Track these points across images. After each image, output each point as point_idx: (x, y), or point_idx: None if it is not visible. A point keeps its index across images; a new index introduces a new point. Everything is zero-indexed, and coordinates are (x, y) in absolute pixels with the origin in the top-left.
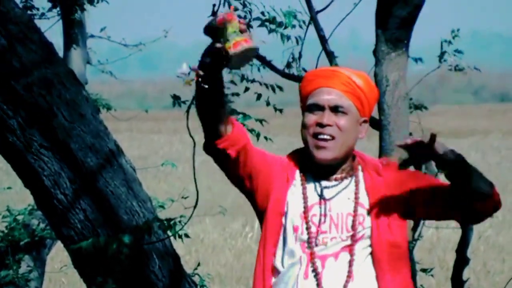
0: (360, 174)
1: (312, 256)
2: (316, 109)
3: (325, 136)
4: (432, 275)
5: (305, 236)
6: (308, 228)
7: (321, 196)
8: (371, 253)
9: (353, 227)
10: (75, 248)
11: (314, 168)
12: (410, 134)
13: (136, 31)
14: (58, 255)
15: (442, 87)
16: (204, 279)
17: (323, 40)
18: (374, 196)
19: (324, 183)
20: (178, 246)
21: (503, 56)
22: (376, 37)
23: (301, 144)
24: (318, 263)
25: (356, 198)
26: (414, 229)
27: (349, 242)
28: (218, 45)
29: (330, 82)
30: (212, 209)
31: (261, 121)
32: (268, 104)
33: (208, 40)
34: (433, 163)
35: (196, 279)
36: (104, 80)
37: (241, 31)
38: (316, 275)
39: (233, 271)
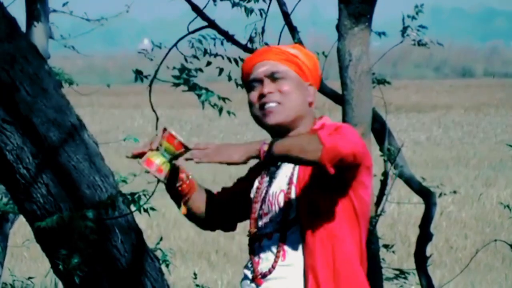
0: None
1: (254, 236)
2: (256, 84)
3: (271, 104)
4: (393, 251)
5: (258, 224)
6: (254, 209)
7: (269, 175)
8: (300, 231)
9: (284, 205)
10: (37, 222)
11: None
12: (373, 108)
13: (98, 6)
14: (20, 230)
15: (403, 62)
16: (166, 254)
17: (286, 15)
18: (301, 169)
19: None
20: (140, 220)
21: (464, 31)
22: (339, 12)
23: None
24: (257, 243)
25: (292, 173)
26: (377, 204)
27: (280, 222)
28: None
29: (263, 56)
30: None
31: (223, 99)
32: (230, 79)
33: (169, 18)
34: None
35: (158, 253)
36: (66, 55)
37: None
38: (257, 255)
39: (194, 246)
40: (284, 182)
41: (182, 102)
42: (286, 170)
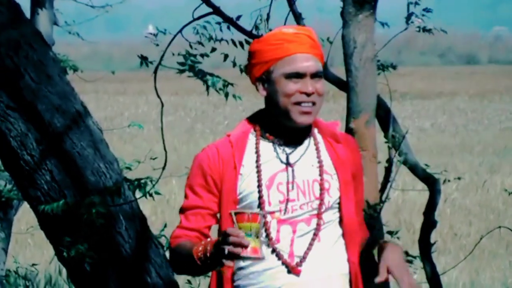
0: (319, 136)
1: (281, 222)
2: (296, 77)
3: (309, 104)
4: (398, 237)
5: (273, 207)
6: (274, 198)
7: (286, 162)
8: (340, 221)
9: (321, 194)
10: (42, 210)
11: (280, 134)
12: (378, 95)
13: None
14: (24, 216)
15: (408, 49)
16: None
17: (290, 1)
18: (339, 164)
19: (287, 148)
20: (145, 207)
21: (470, 18)
22: None
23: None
24: (289, 228)
25: (321, 165)
26: (382, 190)
27: (317, 210)
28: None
29: (301, 47)
30: (178, 170)
31: (230, 84)
32: (234, 64)
33: (175, 4)
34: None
35: (162, 240)
36: (70, 42)
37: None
38: (290, 239)
39: None
40: (315, 172)
41: (186, 89)
42: (310, 158)
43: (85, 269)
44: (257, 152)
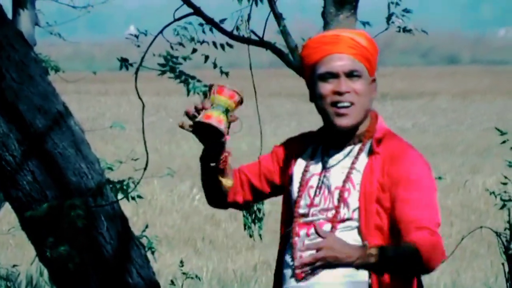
0: (369, 143)
1: (301, 227)
2: (330, 77)
3: (345, 104)
4: None
5: (301, 210)
6: (304, 201)
7: (323, 165)
8: (359, 232)
9: (338, 203)
10: (22, 210)
11: (330, 138)
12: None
13: None
14: (5, 217)
15: (389, 49)
16: (152, 241)
17: (271, 2)
18: (366, 173)
19: (332, 151)
20: (126, 208)
21: (451, 18)
22: None
23: (248, 106)
24: (304, 231)
25: (349, 172)
26: None
27: (331, 218)
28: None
29: (337, 47)
30: (160, 170)
31: (207, 86)
32: (215, 66)
33: (156, 5)
34: None
35: (144, 241)
36: (52, 42)
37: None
38: (302, 243)
39: (180, 233)
40: (342, 178)
41: (168, 89)
42: (346, 164)
43: (67, 270)
44: (312, 153)
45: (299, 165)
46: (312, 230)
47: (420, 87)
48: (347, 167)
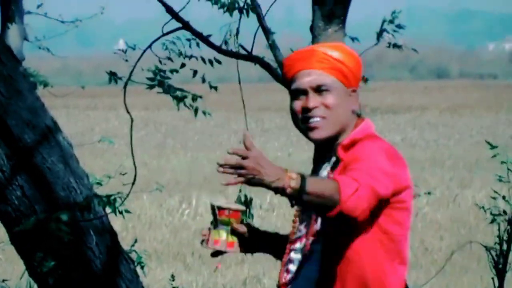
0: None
1: (290, 243)
2: (300, 94)
3: (315, 119)
4: None
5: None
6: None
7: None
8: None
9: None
10: (12, 224)
11: (320, 153)
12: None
13: (73, 8)
14: None
15: (379, 64)
16: (141, 256)
17: (259, 16)
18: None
19: (320, 164)
20: (115, 222)
21: (440, 32)
22: (313, 13)
23: (238, 120)
24: (289, 246)
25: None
26: None
27: (306, 232)
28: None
29: (307, 63)
30: (149, 185)
31: (198, 97)
32: (203, 80)
33: (144, 19)
34: None
35: (133, 255)
36: (41, 57)
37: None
38: (286, 266)
39: (170, 248)
40: None
41: (157, 104)
42: (325, 176)
43: (56, 284)
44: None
45: None
46: (296, 246)
47: (409, 101)
48: (325, 177)
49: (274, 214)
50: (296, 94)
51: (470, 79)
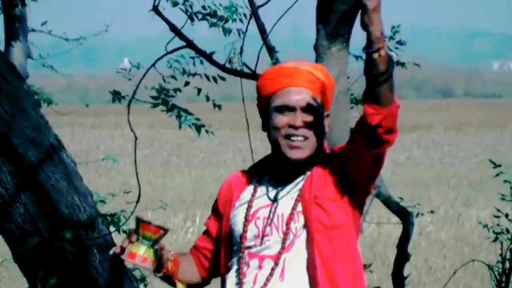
0: (316, 170)
1: (251, 256)
2: (287, 110)
3: (299, 138)
4: (371, 271)
5: (249, 242)
6: (250, 233)
7: (273, 198)
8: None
9: (287, 227)
10: (15, 242)
11: (279, 170)
12: (351, 129)
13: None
14: None
15: None
16: (144, 274)
17: (263, 35)
18: (305, 198)
19: (282, 184)
20: (119, 240)
21: (445, 52)
22: (317, 32)
23: (242, 138)
24: (256, 263)
25: (297, 198)
26: None
27: (283, 243)
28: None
29: (296, 80)
30: (153, 203)
31: (201, 125)
32: (208, 99)
33: (150, 37)
34: None
35: (136, 273)
36: (45, 75)
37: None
38: (254, 275)
39: None
40: (289, 208)
41: (162, 122)
42: (295, 193)
43: None
44: (255, 188)
45: (241, 201)
46: (264, 263)
47: (414, 120)
48: (296, 194)
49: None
50: (281, 109)
51: (474, 98)
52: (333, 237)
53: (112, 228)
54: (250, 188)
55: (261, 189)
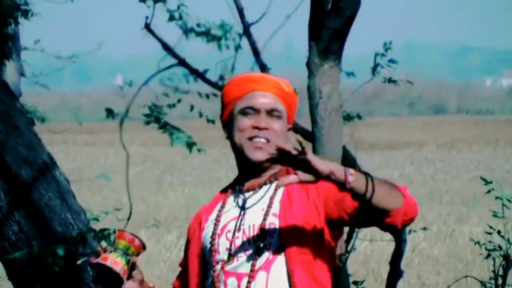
0: (295, 188)
1: (228, 275)
2: (251, 112)
3: (261, 139)
4: (363, 287)
5: (222, 255)
6: (222, 246)
7: (241, 207)
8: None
9: (259, 238)
10: (9, 260)
11: (244, 177)
12: (344, 146)
13: (70, 44)
14: None
15: (377, 100)
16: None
17: (256, 52)
18: (284, 205)
19: (248, 193)
20: None
21: (438, 68)
22: (309, 49)
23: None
24: (234, 282)
25: (268, 207)
26: (347, 241)
27: (257, 258)
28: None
29: (262, 86)
30: (147, 221)
31: (191, 144)
32: (201, 115)
33: (142, 55)
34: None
35: None
36: (38, 93)
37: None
38: None
39: (167, 284)
40: (260, 217)
41: (155, 140)
42: (264, 202)
43: None
44: (222, 204)
45: (209, 221)
46: (243, 281)
47: (407, 137)
48: (266, 204)
49: None
50: (246, 112)
51: (467, 115)
52: (307, 252)
53: (104, 244)
54: (218, 206)
55: (229, 201)
